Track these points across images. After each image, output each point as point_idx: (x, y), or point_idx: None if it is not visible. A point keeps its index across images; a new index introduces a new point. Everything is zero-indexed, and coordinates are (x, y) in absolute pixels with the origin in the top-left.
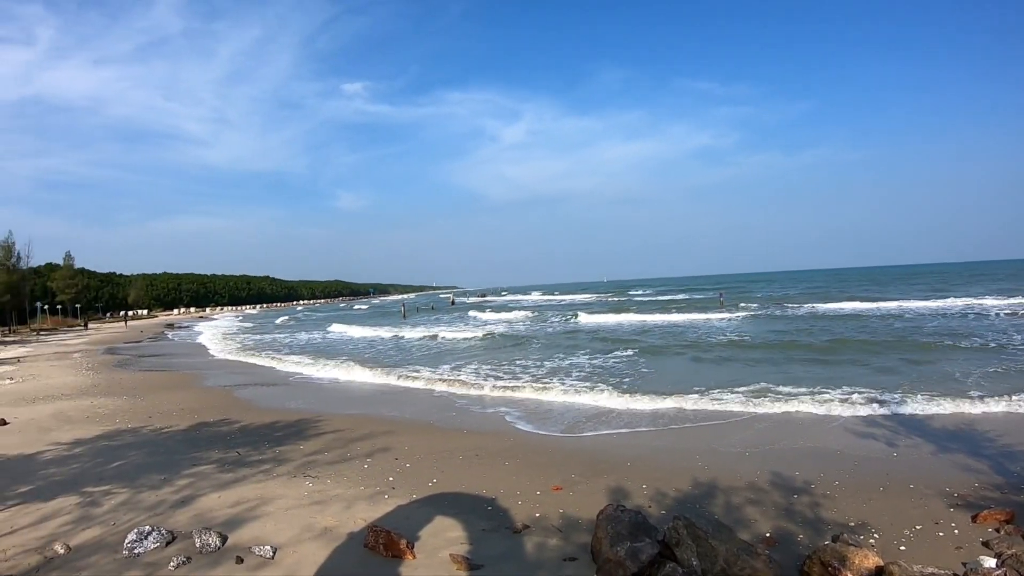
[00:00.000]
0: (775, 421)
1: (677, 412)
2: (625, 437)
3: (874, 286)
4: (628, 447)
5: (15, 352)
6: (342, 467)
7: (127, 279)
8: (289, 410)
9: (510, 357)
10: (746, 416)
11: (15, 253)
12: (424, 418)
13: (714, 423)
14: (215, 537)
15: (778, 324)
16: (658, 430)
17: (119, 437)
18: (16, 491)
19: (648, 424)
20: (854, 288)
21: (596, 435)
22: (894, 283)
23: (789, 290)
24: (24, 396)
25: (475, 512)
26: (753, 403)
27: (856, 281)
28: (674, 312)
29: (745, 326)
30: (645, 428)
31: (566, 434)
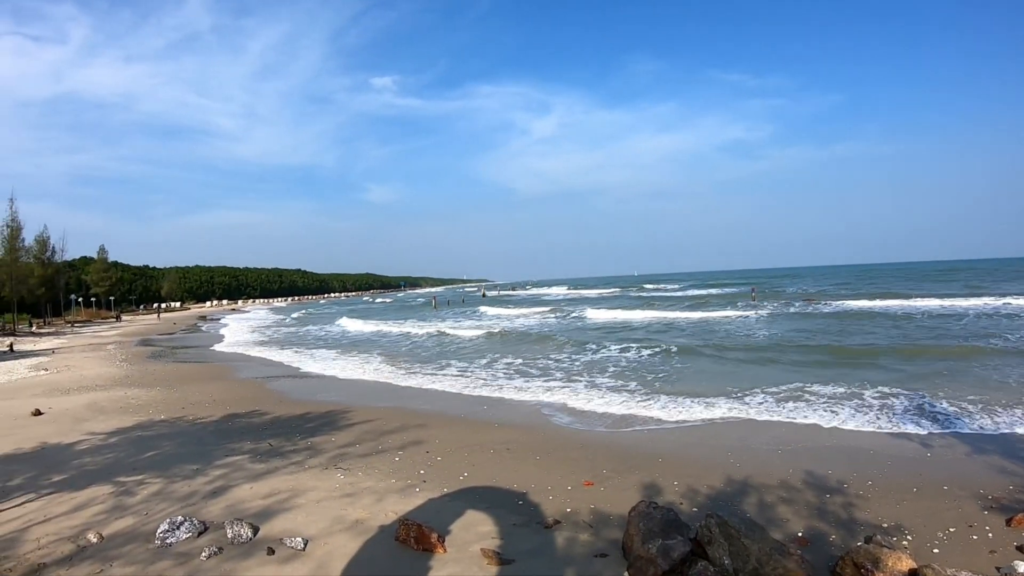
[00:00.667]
0: (810, 424)
1: (708, 410)
2: (656, 433)
3: (907, 282)
4: (659, 443)
5: (50, 343)
6: (374, 460)
7: (160, 272)
8: (320, 402)
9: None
10: (778, 413)
11: (50, 247)
12: (455, 412)
13: (746, 420)
14: (247, 528)
15: (810, 322)
16: (689, 426)
17: (152, 428)
18: (50, 480)
19: (679, 423)
20: (887, 284)
21: (627, 431)
22: (926, 280)
23: (821, 286)
24: (59, 387)
25: (506, 507)
26: (786, 401)
27: (889, 277)
28: (705, 309)
29: (777, 323)
30: (675, 424)
31: (597, 429)
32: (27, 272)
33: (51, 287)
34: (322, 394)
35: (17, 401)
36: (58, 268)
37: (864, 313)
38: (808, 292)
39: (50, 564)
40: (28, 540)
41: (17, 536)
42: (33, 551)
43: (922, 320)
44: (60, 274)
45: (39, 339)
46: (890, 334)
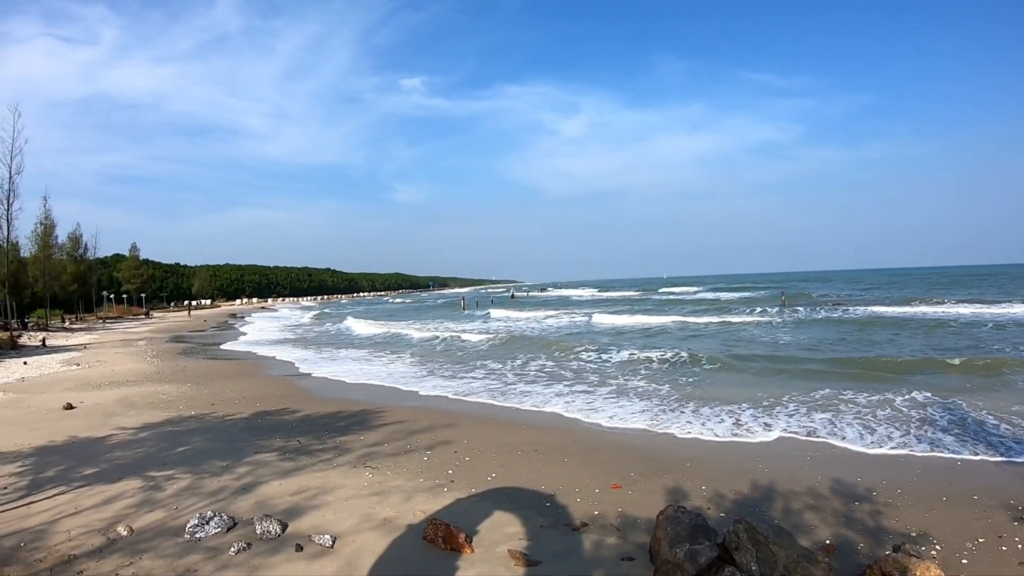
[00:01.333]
0: (840, 427)
1: (734, 416)
2: (683, 437)
3: (940, 288)
4: (687, 447)
5: (82, 339)
6: (402, 459)
7: (191, 270)
8: (350, 400)
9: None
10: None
11: (82, 244)
12: (483, 412)
13: (780, 428)
14: (275, 524)
15: (840, 328)
16: (718, 433)
17: (182, 423)
18: (81, 473)
19: (709, 427)
20: (919, 289)
21: (655, 433)
22: (958, 285)
23: (852, 290)
24: (90, 381)
25: (533, 508)
26: (814, 406)
27: (921, 282)
28: (733, 314)
29: (808, 329)
30: (705, 429)
31: (625, 431)
32: (60, 269)
33: (83, 284)
34: (350, 393)
35: (49, 395)
36: (90, 265)
37: (896, 320)
38: (839, 296)
39: (80, 556)
40: (59, 532)
41: (48, 528)
42: (64, 543)
43: (957, 327)
44: (92, 271)
45: (71, 335)
46: (922, 343)
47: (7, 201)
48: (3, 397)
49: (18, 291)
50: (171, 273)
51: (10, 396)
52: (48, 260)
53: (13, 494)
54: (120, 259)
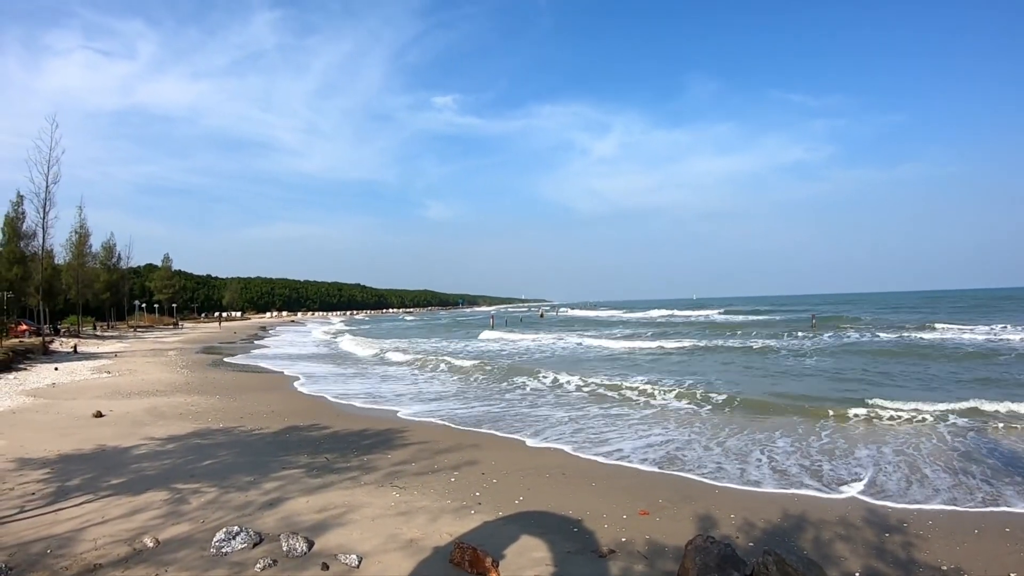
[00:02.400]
0: (869, 455)
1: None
2: (714, 463)
3: (973, 312)
4: (717, 473)
5: (113, 347)
6: (429, 479)
7: (222, 281)
8: (377, 418)
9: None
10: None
11: (116, 253)
12: (510, 433)
13: (813, 454)
14: (302, 542)
15: (872, 354)
16: (750, 457)
17: (210, 436)
18: (109, 482)
19: (739, 451)
20: (957, 312)
21: (685, 458)
22: (994, 309)
23: (887, 312)
24: (120, 390)
25: (560, 533)
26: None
27: (958, 305)
28: (760, 337)
29: (840, 356)
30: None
31: (652, 458)
32: (93, 277)
33: (115, 292)
34: (377, 409)
35: (79, 402)
36: (123, 274)
37: (933, 345)
38: (874, 320)
39: (105, 565)
40: (85, 540)
41: (74, 535)
42: (89, 551)
43: (985, 351)
44: (125, 280)
45: (102, 342)
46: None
47: (43, 209)
48: (34, 402)
49: (51, 297)
50: (202, 284)
51: (40, 401)
52: (82, 268)
53: (41, 500)
54: (153, 269)
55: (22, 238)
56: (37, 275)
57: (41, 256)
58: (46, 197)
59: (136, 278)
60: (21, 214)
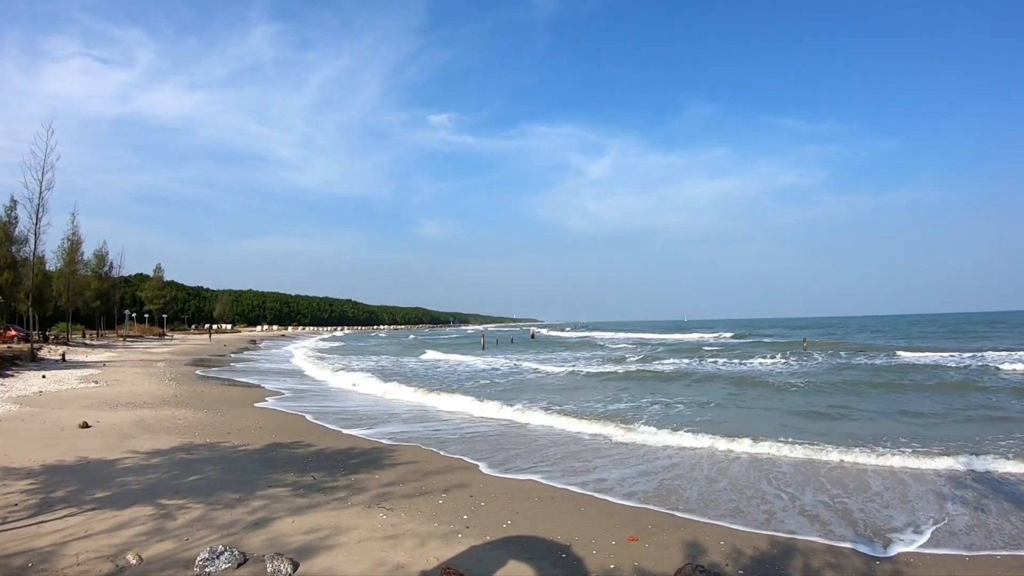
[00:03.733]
0: (861, 481)
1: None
2: (702, 489)
3: (961, 335)
4: (705, 500)
5: (101, 356)
6: (417, 501)
7: (213, 293)
8: (364, 437)
9: None
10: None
11: (108, 262)
12: (502, 455)
13: (796, 481)
14: (287, 564)
15: (867, 374)
16: (736, 485)
17: (196, 451)
18: (93, 495)
19: (728, 476)
20: (952, 336)
21: (673, 484)
22: (987, 331)
23: (875, 336)
24: (107, 401)
25: (549, 559)
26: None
27: (952, 330)
28: (751, 358)
29: (832, 376)
30: (723, 482)
31: (641, 482)
32: (84, 285)
33: (106, 301)
34: (365, 429)
35: (66, 411)
36: (114, 283)
37: (926, 366)
38: (865, 342)
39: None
40: (67, 555)
41: (56, 550)
42: (72, 566)
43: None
44: (116, 289)
45: (91, 351)
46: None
47: (36, 215)
48: (20, 410)
49: (41, 304)
50: (193, 296)
51: (26, 410)
52: (73, 275)
53: (24, 512)
54: (144, 279)
55: (14, 243)
56: (28, 281)
57: (32, 262)
58: (39, 203)
59: (127, 287)
60: (14, 219)
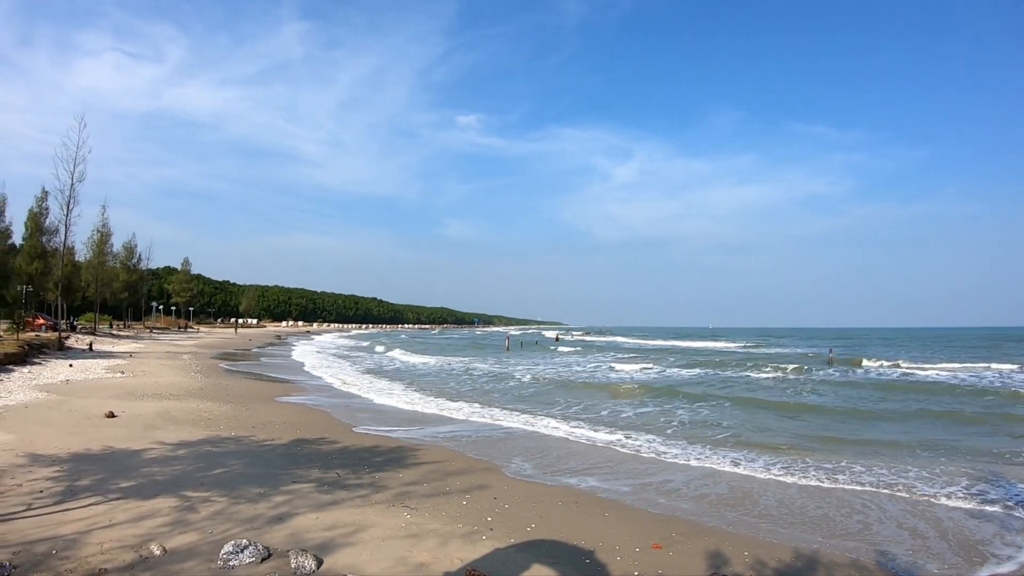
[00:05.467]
0: (884, 498)
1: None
2: (727, 499)
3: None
4: (730, 508)
5: (128, 347)
6: (439, 501)
7: (240, 288)
8: (388, 436)
9: None
10: (856, 490)
11: (136, 254)
12: (526, 458)
13: (825, 493)
14: (311, 560)
15: (898, 391)
16: (761, 495)
17: (221, 444)
18: (118, 485)
19: (752, 487)
20: (979, 351)
21: (698, 494)
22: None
23: (902, 350)
24: (133, 391)
25: (572, 564)
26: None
27: (982, 344)
28: (781, 369)
29: (864, 392)
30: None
31: (667, 490)
32: (112, 276)
33: (134, 292)
34: (389, 427)
35: (92, 401)
36: (142, 275)
37: (958, 385)
38: (896, 357)
39: (111, 571)
40: (91, 543)
41: (80, 538)
42: (95, 555)
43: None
44: (143, 281)
45: (118, 341)
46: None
47: (67, 207)
48: (47, 398)
49: (70, 293)
50: (220, 290)
51: (53, 398)
52: (102, 266)
53: (48, 499)
54: (172, 272)
55: (44, 233)
56: (57, 271)
57: (62, 252)
58: (70, 194)
59: (155, 279)
60: (45, 210)
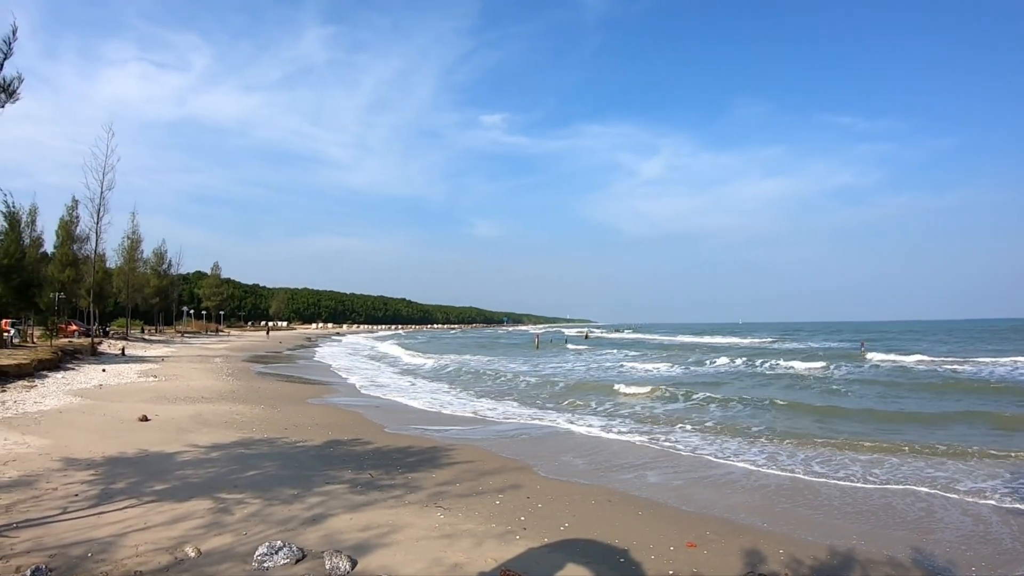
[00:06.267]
0: (923, 496)
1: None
2: (761, 496)
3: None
4: (765, 507)
5: (160, 351)
6: (473, 501)
7: (269, 291)
8: (421, 436)
9: None
10: (897, 489)
11: (166, 259)
12: (558, 457)
13: (860, 492)
14: (345, 561)
15: (934, 389)
16: (797, 493)
17: (254, 446)
18: (152, 488)
19: (786, 485)
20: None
21: (733, 491)
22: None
23: (937, 343)
24: (165, 395)
25: (607, 563)
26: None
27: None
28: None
29: (898, 388)
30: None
31: (701, 487)
32: (143, 282)
33: (164, 297)
34: (422, 427)
35: (125, 405)
36: (172, 280)
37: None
38: (929, 351)
39: (146, 573)
40: (126, 546)
41: (116, 540)
42: (131, 557)
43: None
44: (174, 286)
45: (149, 346)
46: None
47: (97, 215)
48: (80, 403)
49: (102, 300)
50: (250, 293)
51: (87, 402)
52: (132, 272)
53: (84, 502)
54: (202, 276)
55: (75, 241)
56: (89, 278)
57: (93, 259)
58: (100, 203)
59: (185, 284)
60: (75, 218)
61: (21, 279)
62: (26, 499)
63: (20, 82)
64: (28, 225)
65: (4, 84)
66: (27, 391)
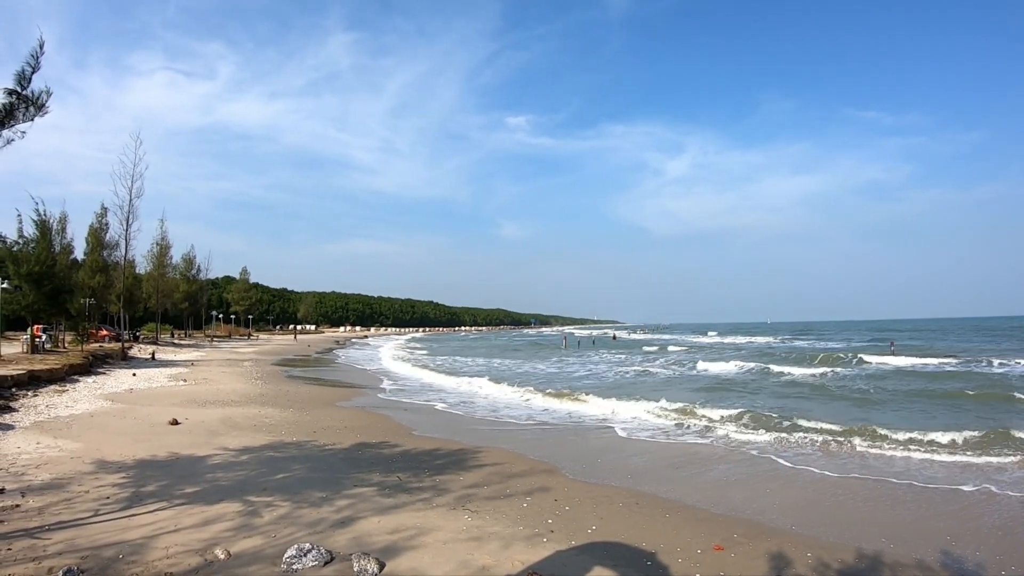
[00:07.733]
0: (950, 496)
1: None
2: (790, 498)
3: None
4: (792, 510)
5: (189, 355)
6: (501, 503)
7: (297, 295)
8: (448, 439)
9: None
10: (920, 487)
11: (195, 265)
12: (584, 459)
13: (885, 491)
14: (373, 563)
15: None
16: (825, 495)
17: (283, 449)
18: (183, 491)
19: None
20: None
21: (761, 493)
22: None
23: (968, 342)
24: (195, 399)
25: (634, 566)
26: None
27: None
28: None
29: (930, 385)
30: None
31: (729, 490)
32: (172, 287)
33: (194, 302)
34: (450, 431)
35: (155, 408)
36: (201, 285)
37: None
38: (962, 351)
39: (176, 575)
40: (157, 548)
41: (147, 542)
42: (161, 559)
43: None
44: (203, 291)
45: (179, 350)
46: None
47: (126, 222)
48: (112, 407)
49: (132, 305)
50: (278, 297)
51: (118, 406)
52: (162, 278)
53: (115, 505)
54: (231, 281)
55: (105, 248)
56: (119, 283)
57: (123, 266)
58: (129, 210)
59: (214, 289)
60: (105, 225)
61: (52, 285)
62: (58, 502)
63: (49, 95)
64: (59, 232)
65: (34, 97)
66: (59, 395)
